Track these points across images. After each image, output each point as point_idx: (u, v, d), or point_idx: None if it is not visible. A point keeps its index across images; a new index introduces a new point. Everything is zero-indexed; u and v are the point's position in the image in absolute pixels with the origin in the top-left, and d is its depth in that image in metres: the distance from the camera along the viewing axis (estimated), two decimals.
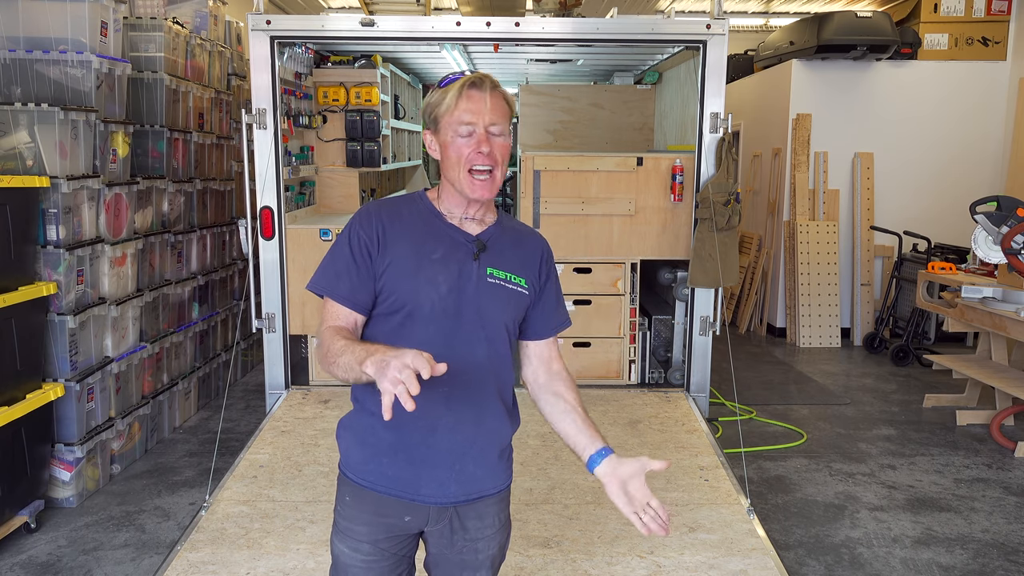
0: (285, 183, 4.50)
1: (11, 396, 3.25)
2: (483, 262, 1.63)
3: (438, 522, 1.66)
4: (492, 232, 1.68)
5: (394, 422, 1.59)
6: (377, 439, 1.63)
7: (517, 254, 1.69)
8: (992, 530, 3.54)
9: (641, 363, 4.79)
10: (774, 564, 2.70)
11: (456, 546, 1.68)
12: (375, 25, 4.18)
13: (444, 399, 1.60)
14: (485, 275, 1.62)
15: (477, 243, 1.64)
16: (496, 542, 1.74)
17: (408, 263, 1.59)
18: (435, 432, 1.61)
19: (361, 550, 1.66)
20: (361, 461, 1.66)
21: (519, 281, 1.66)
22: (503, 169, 1.62)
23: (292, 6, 9.21)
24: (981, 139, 7.17)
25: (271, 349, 4.48)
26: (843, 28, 6.63)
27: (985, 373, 4.82)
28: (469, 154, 1.57)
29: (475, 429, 1.64)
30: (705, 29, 4.21)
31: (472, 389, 1.62)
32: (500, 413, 1.68)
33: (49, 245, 3.52)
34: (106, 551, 3.27)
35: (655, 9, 9.50)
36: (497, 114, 1.59)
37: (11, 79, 3.65)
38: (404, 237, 1.62)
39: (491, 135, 1.59)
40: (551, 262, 1.76)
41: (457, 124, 1.58)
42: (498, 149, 1.59)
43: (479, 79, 1.59)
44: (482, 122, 1.57)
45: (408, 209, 1.67)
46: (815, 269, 7.04)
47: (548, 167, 4.55)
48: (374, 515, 1.65)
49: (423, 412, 1.58)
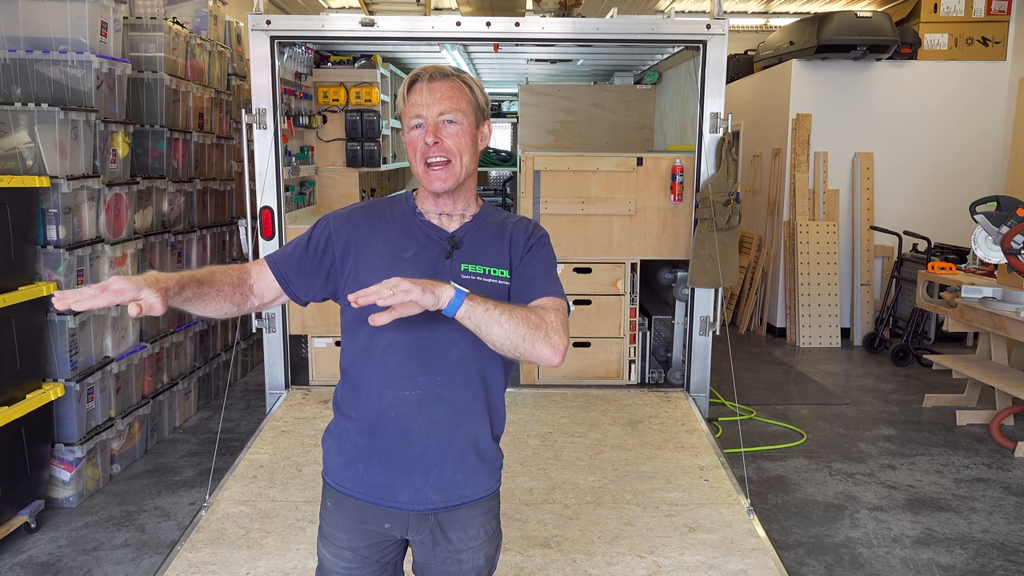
0: (285, 183, 4.50)
1: (11, 396, 3.25)
2: (457, 259, 1.58)
3: (419, 531, 1.62)
4: (470, 227, 1.63)
5: (367, 426, 1.59)
6: (352, 444, 1.61)
7: (496, 245, 1.62)
8: (992, 530, 3.54)
9: (641, 363, 4.79)
10: (774, 564, 2.70)
11: (439, 557, 1.64)
12: (375, 25, 4.18)
13: (416, 402, 1.56)
14: (459, 272, 1.57)
15: (450, 240, 1.60)
16: (482, 553, 1.67)
17: (380, 261, 1.57)
18: (408, 436, 1.57)
19: (342, 556, 1.64)
20: (339, 467, 1.63)
21: (498, 273, 1.59)
22: (464, 159, 1.57)
23: (292, 6, 9.21)
24: (981, 139, 7.17)
25: (271, 349, 4.48)
26: (843, 28, 6.63)
27: (985, 373, 4.82)
28: (421, 147, 1.56)
29: (451, 432, 1.58)
30: (705, 29, 4.21)
31: (447, 391, 1.57)
32: (480, 415, 1.61)
33: (49, 245, 3.52)
34: (106, 551, 3.27)
35: (655, 9, 9.50)
36: (446, 103, 1.55)
37: (11, 79, 3.65)
38: (378, 236, 1.60)
39: (442, 125, 1.55)
40: (535, 241, 1.64)
41: (408, 119, 1.58)
42: (451, 138, 1.55)
43: (421, 72, 1.58)
44: (429, 113, 1.55)
45: (390, 208, 1.66)
46: (815, 269, 7.04)
47: (548, 167, 4.55)
48: (354, 522, 1.63)
49: (396, 416, 1.56)
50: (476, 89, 1.61)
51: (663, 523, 2.99)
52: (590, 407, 4.29)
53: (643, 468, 3.48)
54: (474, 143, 1.60)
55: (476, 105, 1.60)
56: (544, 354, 1.46)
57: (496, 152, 9.03)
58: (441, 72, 1.57)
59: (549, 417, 4.13)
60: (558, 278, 1.65)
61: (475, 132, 1.60)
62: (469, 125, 1.58)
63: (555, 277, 1.64)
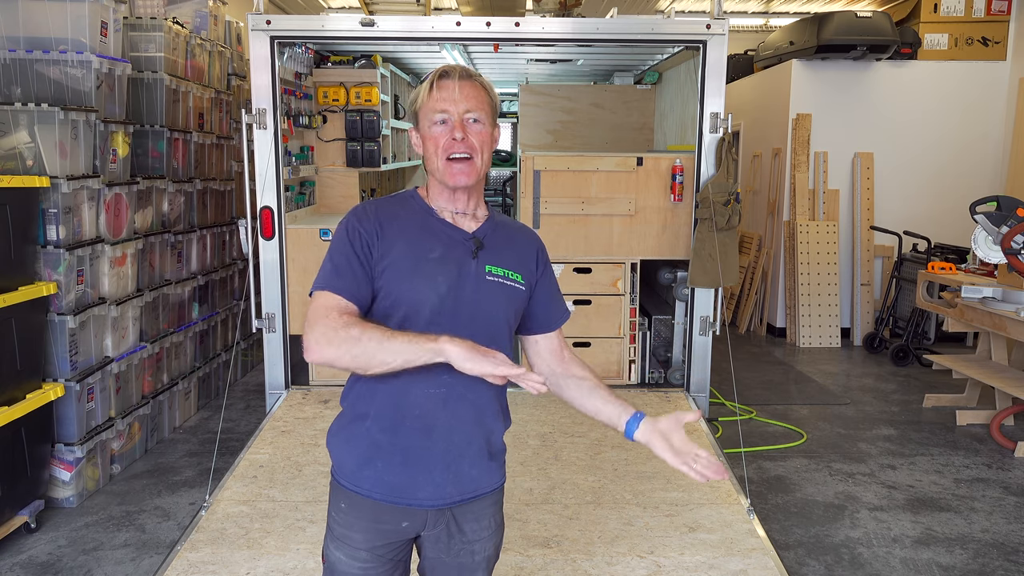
0: (285, 183, 4.50)
1: (11, 396, 3.25)
2: (481, 260, 1.61)
3: (435, 526, 1.64)
4: (487, 229, 1.67)
5: (389, 424, 1.59)
6: (371, 442, 1.60)
7: (513, 250, 1.68)
8: (992, 530, 3.54)
9: (641, 363, 4.79)
10: (774, 564, 2.70)
11: (453, 550, 1.66)
12: (375, 25, 4.18)
13: (442, 400, 1.58)
14: (484, 273, 1.60)
15: (475, 241, 1.63)
16: (492, 543, 1.72)
17: (406, 262, 1.57)
18: (431, 433, 1.59)
19: (359, 557, 1.64)
20: (355, 467, 1.63)
21: (516, 278, 1.65)
22: (484, 157, 1.61)
23: (292, 6, 9.21)
24: (981, 139, 7.18)
25: (271, 349, 4.48)
26: (843, 28, 6.63)
27: (985, 373, 4.82)
28: (445, 142, 1.57)
29: (473, 430, 1.63)
30: (705, 29, 4.21)
31: (471, 389, 1.59)
32: (497, 413, 1.68)
33: (49, 245, 3.52)
34: (106, 551, 3.27)
35: (655, 9, 9.51)
36: (472, 101, 1.58)
37: (11, 79, 3.65)
38: (400, 236, 1.60)
39: (467, 123, 1.58)
40: (546, 257, 1.76)
41: (432, 114, 1.59)
42: (475, 136, 1.58)
43: (450, 69, 1.60)
44: (455, 110, 1.57)
45: (402, 208, 1.66)
46: (815, 269, 7.04)
47: (548, 167, 4.55)
48: (371, 522, 1.63)
49: (420, 413, 1.58)
50: (493, 93, 1.66)
51: (663, 523, 2.99)
52: None
53: (643, 468, 3.49)
54: (491, 144, 1.64)
55: (494, 108, 1.65)
56: None
57: (496, 152, 9.03)
58: (467, 72, 1.61)
59: (549, 417, 4.13)
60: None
61: (492, 134, 1.64)
62: (489, 126, 1.62)
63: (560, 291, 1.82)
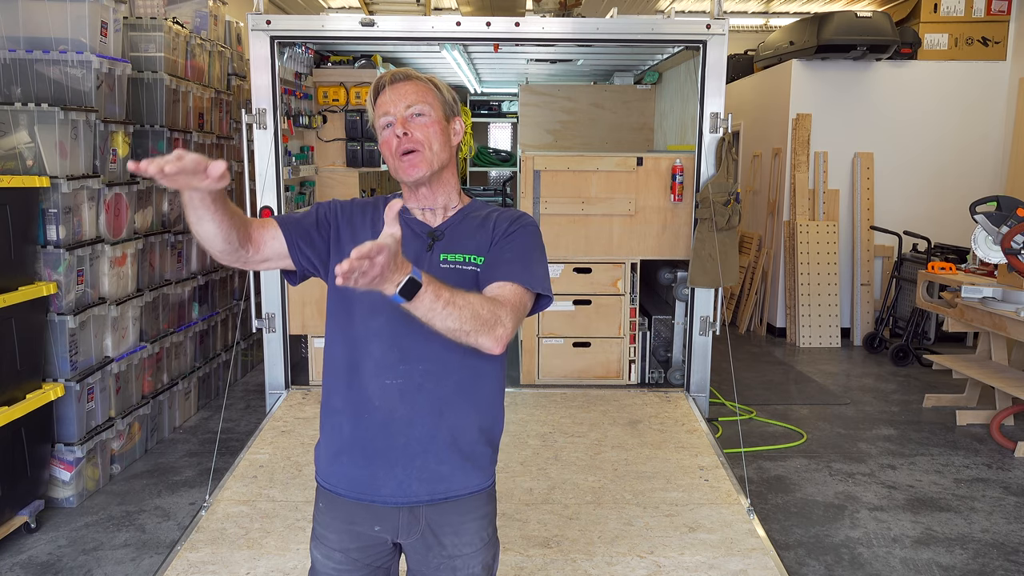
0: (285, 183, 4.50)
1: (11, 396, 3.25)
2: (437, 250, 1.62)
3: (410, 534, 1.62)
4: (453, 220, 1.67)
5: (352, 417, 1.61)
6: (339, 434, 1.63)
7: (478, 234, 1.64)
8: (992, 530, 3.54)
9: (641, 363, 4.79)
10: (774, 564, 2.70)
11: (432, 563, 1.63)
12: (375, 25, 4.18)
13: (398, 391, 1.56)
14: (438, 262, 1.60)
15: (430, 233, 1.64)
16: (478, 561, 1.65)
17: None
18: (390, 426, 1.57)
19: (333, 558, 1.65)
20: (327, 462, 1.66)
21: (476, 260, 1.60)
22: (434, 147, 1.61)
23: (292, 6, 9.21)
24: (981, 139, 7.17)
25: (271, 349, 4.48)
26: (843, 28, 6.63)
27: (985, 373, 4.82)
28: (394, 142, 1.60)
29: (434, 423, 1.57)
30: (705, 29, 4.21)
31: (429, 380, 1.57)
32: (465, 406, 1.60)
33: (49, 245, 3.52)
34: (106, 551, 3.27)
35: (655, 9, 9.50)
36: (411, 97, 1.61)
37: (11, 79, 3.65)
38: (367, 229, 1.64)
39: (410, 118, 1.61)
40: (517, 227, 1.63)
41: (379, 121, 1.64)
42: (419, 129, 1.60)
43: (382, 76, 1.65)
44: (396, 110, 1.61)
45: (376, 209, 1.69)
46: (815, 269, 7.04)
47: (548, 167, 4.55)
48: (345, 523, 1.63)
49: (379, 405, 1.58)
50: (442, 87, 1.68)
51: (663, 523, 2.99)
52: (590, 407, 4.29)
53: (643, 468, 3.49)
54: (444, 135, 1.64)
55: (443, 100, 1.66)
56: (485, 345, 1.44)
57: (496, 152, 9.03)
58: (404, 74, 1.64)
59: (549, 417, 4.13)
60: (537, 266, 1.60)
61: (445, 125, 1.65)
62: (438, 117, 1.63)
63: (531, 264, 1.59)
